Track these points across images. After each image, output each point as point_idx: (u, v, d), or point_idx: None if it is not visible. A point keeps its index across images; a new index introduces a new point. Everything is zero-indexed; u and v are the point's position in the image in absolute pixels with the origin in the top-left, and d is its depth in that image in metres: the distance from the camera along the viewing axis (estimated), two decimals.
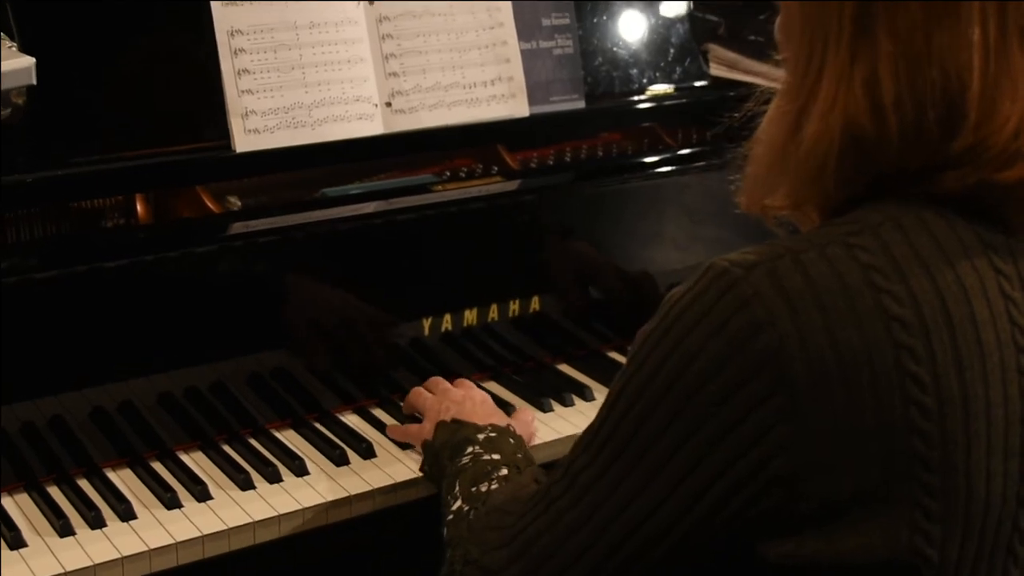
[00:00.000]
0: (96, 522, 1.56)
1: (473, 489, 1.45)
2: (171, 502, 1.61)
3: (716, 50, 2.27)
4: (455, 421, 1.65)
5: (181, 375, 1.74)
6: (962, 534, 1.11)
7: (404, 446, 1.76)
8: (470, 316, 1.93)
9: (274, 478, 1.67)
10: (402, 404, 1.84)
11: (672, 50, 2.23)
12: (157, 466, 1.69)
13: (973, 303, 1.11)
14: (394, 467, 1.71)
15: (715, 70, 2.25)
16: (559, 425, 1.83)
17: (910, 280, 1.10)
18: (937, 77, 1.09)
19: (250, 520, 1.59)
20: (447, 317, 1.91)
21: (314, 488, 1.66)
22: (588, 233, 2.04)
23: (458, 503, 1.44)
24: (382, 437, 1.78)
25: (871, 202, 1.16)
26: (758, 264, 1.11)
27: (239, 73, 1.79)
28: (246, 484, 1.65)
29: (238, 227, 1.80)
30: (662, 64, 2.22)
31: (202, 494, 1.63)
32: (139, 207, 1.82)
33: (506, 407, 1.84)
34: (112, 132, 1.77)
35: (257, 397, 1.79)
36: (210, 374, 1.76)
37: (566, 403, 1.89)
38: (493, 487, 1.44)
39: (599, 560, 1.20)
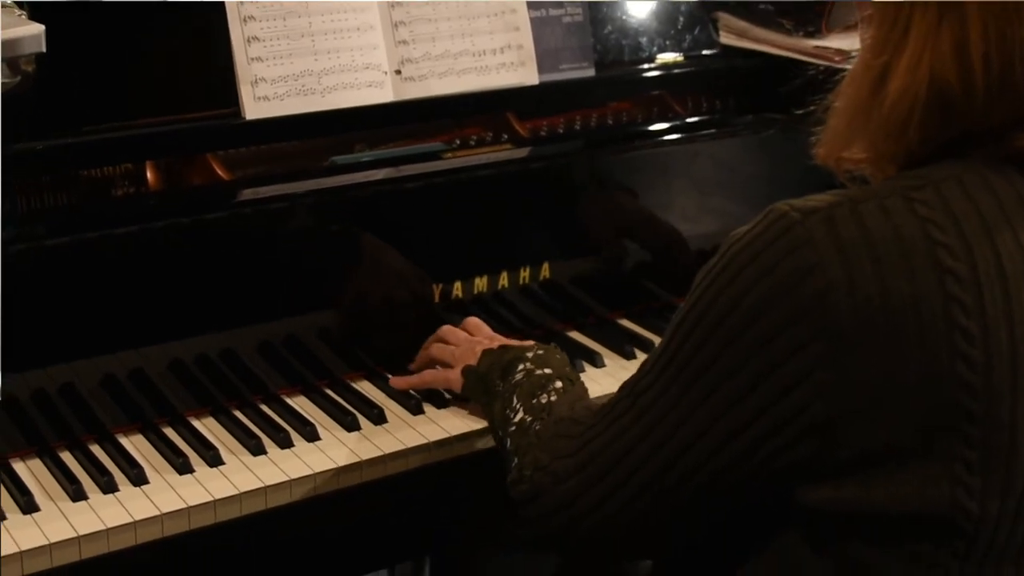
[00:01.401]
0: (108, 487, 1.56)
1: (534, 401, 1.50)
2: (183, 467, 1.61)
3: (726, 18, 2.26)
4: (501, 347, 1.68)
5: (192, 342, 1.74)
6: (1002, 489, 1.11)
7: (416, 411, 1.76)
8: (480, 283, 1.93)
9: (285, 443, 1.67)
10: (416, 361, 1.84)
11: (682, 18, 2.23)
12: (169, 432, 1.70)
13: None
14: (405, 432, 1.71)
15: (725, 38, 2.25)
16: None
17: (967, 235, 1.11)
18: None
19: (262, 485, 1.59)
20: (457, 284, 1.91)
21: (325, 453, 1.66)
22: (598, 201, 2.04)
23: (520, 415, 1.49)
24: (393, 403, 1.79)
25: (942, 160, 1.17)
26: (817, 210, 1.13)
27: (248, 40, 1.79)
28: (258, 449, 1.66)
29: (248, 194, 1.81)
30: (672, 32, 2.21)
31: (214, 459, 1.63)
32: (149, 175, 1.83)
33: None
34: (122, 100, 1.77)
35: (268, 364, 1.80)
36: (221, 341, 1.76)
37: (577, 369, 1.89)
38: (553, 398, 1.50)
39: (648, 479, 1.24)
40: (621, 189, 2.05)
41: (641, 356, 1.94)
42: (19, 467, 1.61)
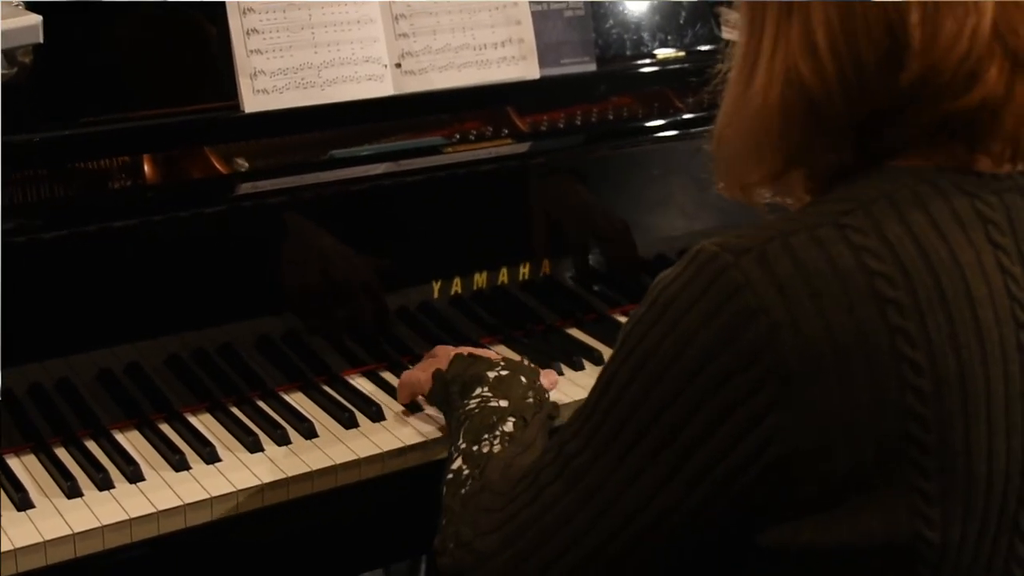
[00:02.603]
0: (104, 483, 1.55)
1: (475, 448, 1.42)
2: (179, 464, 1.60)
3: (728, 13, 2.23)
4: (472, 355, 1.62)
5: (189, 337, 1.73)
6: (963, 515, 1.09)
7: (414, 408, 1.75)
8: (480, 279, 1.91)
9: (283, 440, 1.66)
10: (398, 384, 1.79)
11: (683, 13, 2.21)
12: (165, 428, 1.68)
13: (970, 281, 1.08)
14: (403, 430, 1.70)
15: (727, 33, 2.21)
16: (569, 389, 1.81)
17: (904, 261, 1.08)
18: (871, 10, 1.07)
19: (259, 483, 1.57)
20: (457, 280, 1.89)
21: (323, 451, 1.64)
22: (598, 197, 2.02)
23: (458, 462, 1.41)
24: (391, 400, 1.77)
25: (861, 175, 1.14)
26: (748, 250, 1.08)
27: (248, 33, 1.78)
28: (255, 446, 1.64)
29: (246, 188, 1.79)
30: (673, 27, 2.19)
31: (210, 456, 1.62)
32: (146, 168, 1.81)
33: None
34: (120, 92, 1.76)
35: (265, 360, 1.78)
36: (218, 336, 1.75)
37: (576, 367, 1.88)
38: (495, 448, 1.41)
39: (592, 549, 1.18)
40: (622, 185, 2.03)
41: None
42: (14, 463, 1.60)
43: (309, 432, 1.68)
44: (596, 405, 1.17)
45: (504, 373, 1.55)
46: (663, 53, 2.19)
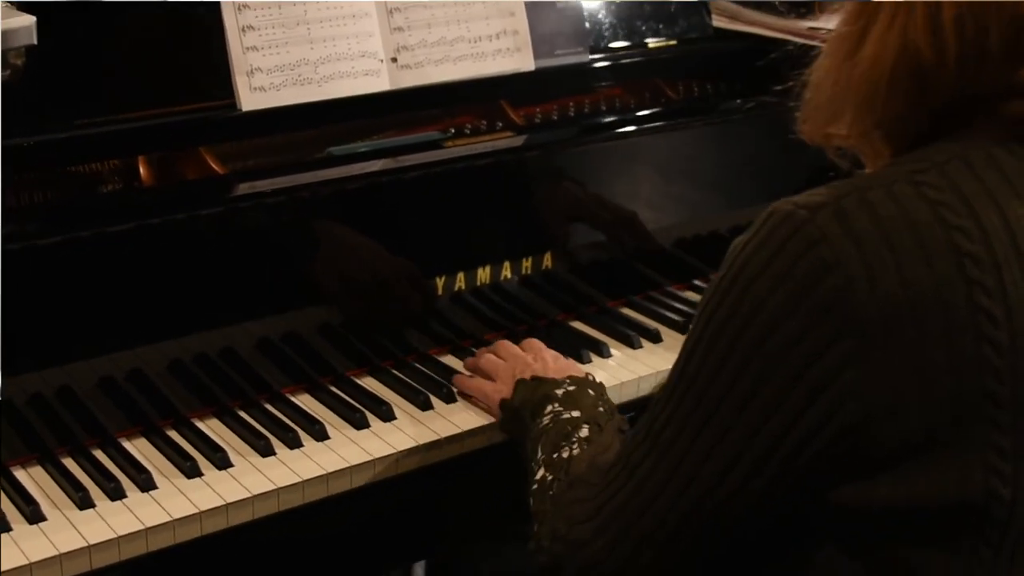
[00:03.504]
0: (116, 493, 1.52)
1: (555, 456, 1.43)
2: (191, 470, 1.56)
3: (717, 2, 2.23)
4: (534, 378, 1.62)
5: (191, 341, 1.69)
6: None
7: (424, 407, 1.72)
8: (483, 274, 1.89)
9: (294, 443, 1.63)
10: (464, 364, 1.81)
11: (675, 2, 2.19)
12: (173, 434, 1.65)
13: None
14: (416, 428, 1.67)
15: (718, 22, 2.22)
16: None
17: (980, 215, 1.08)
18: (1005, 5, 1.07)
19: (274, 487, 1.55)
20: (460, 276, 1.87)
21: (336, 452, 1.62)
22: (598, 187, 2.00)
23: (541, 471, 1.42)
24: (400, 399, 1.74)
25: (940, 140, 1.15)
26: (824, 205, 1.09)
27: (243, 30, 1.74)
28: (266, 450, 1.61)
29: (244, 188, 1.75)
30: (666, 16, 2.18)
31: (222, 461, 1.58)
32: (142, 170, 1.77)
33: None
34: (113, 93, 1.71)
35: (270, 362, 1.75)
36: (220, 339, 1.71)
37: (583, 360, 1.86)
38: (574, 452, 1.42)
39: (681, 519, 1.19)
40: (622, 175, 2.01)
41: (647, 345, 1.91)
42: (21, 475, 1.56)
43: (320, 434, 1.65)
44: (680, 375, 1.19)
45: (571, 388, 1.56)
46: (654, 43, 2.17)
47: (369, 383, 1.79)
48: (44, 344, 1.59)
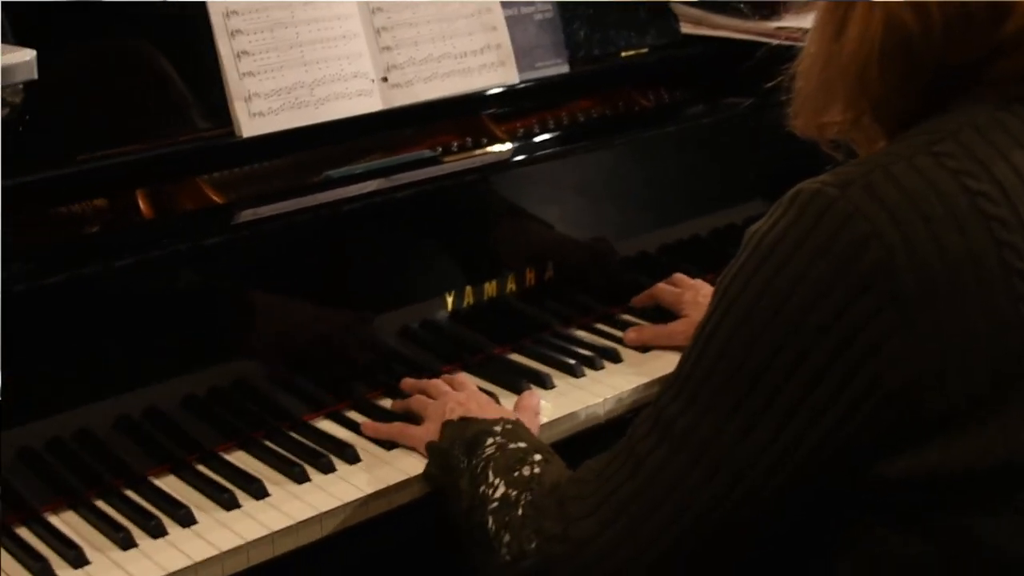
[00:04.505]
0: (156, 531, 1.47)
1: (515, 474, 1.38)
2: (229, 503, 1.53)
3: (680, 8, 2.26)
4: (463, 419, 1.56)
5: (205, 375, 1.65)
6: None
7: None
8: (490, 288, 1.87)
9: (328, 468, 1.60)
10: (392, 405, 1.75)
11: (643, 12, 2.21)
12: (203, 468, 1.61)
13: None
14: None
15: (685, 28, 2.24)
16: (596, 388, 1.80)
17: (999, 179, 1.11)
18: None
19: (316, 512, 1.52)
20: (468, 290, 1.85)
21: (371, 473, 1.59)
22: (591, 199, 2.01)
23: (501, 490, 1.36)
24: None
25: (937, 114, 1.17)
26: (852, 181, 1.11)
27: (239, 55, 1.72)
28: (301, 477, 1.58)
29: (248, 215, 1.72)
30: (636, 24, 2.19)
31: (259, 491, 1.55)
32: (141, 204, 1.73)
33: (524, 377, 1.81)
34: (109, 128, 1.68)
35: (284, 391, 1.72)
36: (231, 372, 1.67)
37: (596, 367, 1.85)
38: (536, 471, 1.38)
39: (707, 507, 1.17)
40: (613, 185, 2.02)
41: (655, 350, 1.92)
42: (55, 520, 1.51)
43: (352, 457, 1.62)
44: (697, 364, 1.17)
45: (509, 426, 1.50)
46: (628, 52, 2.18)
47: (387, 404, 1.77)
48: (55, 386, 1.54)
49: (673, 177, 2.11)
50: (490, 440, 1.46)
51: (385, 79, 1.86)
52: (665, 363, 1.85)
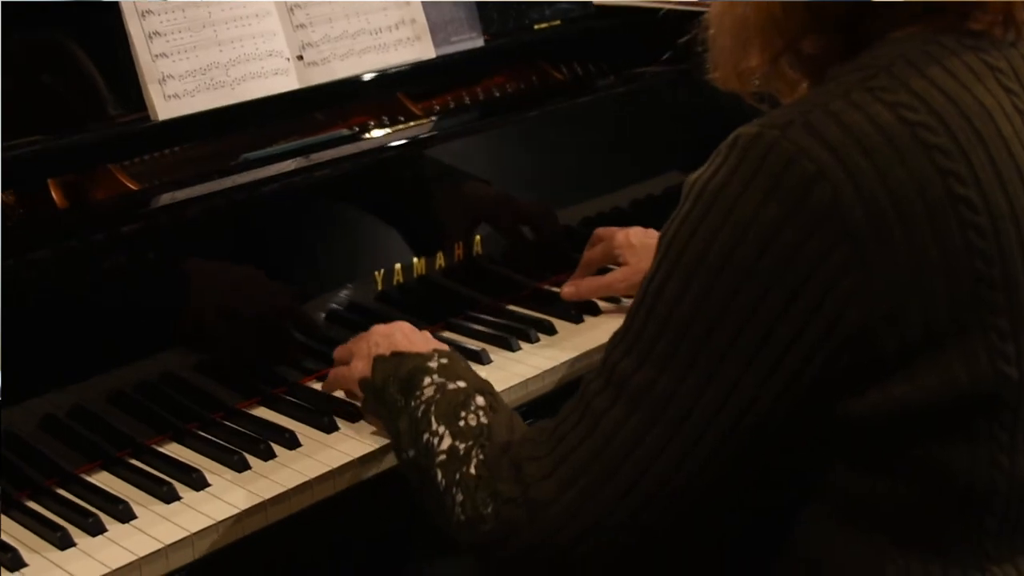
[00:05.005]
0: (95, 528, 1.41)
1: (461, 424, 1.34)
2: (168, 495, 1.47)
3: None
4: (395, 354, 1.52)
5: (132, 368, 1.59)
6: None
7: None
8: (419, 265, 1.84)
9: (268, 455, 1.55)
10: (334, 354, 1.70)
11: None
12: (137, 463, 1.55)
13: (998, 122, 1.13)
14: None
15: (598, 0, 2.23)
16: (534, 360, 1.77)
17: (936, 109, 1.11)
18: None
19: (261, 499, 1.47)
20: (397, 267, 1.81)
21: (314, 459, 1.55)
22: (517, 172, 1.98)
23: (448, 441, 1.32)
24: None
25: (864, 50, 1.17)
26: (791, 122, 1.10)
27: (150, 36, 1.66)
28: (241, 465, 1.53)
29: (166, 199, 1.66)
30: None
31: (198, 482, 1.49)
32: (55, 195, 1.67)
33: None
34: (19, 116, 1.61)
35: (215, 381, 1.66)
36: (158, 364, 1.61)
37: (532, 339, 1.83)
38: (483, 420, 1.34)
39: (671, 465, 1.15)
40: (533, 157, 2.00)
41: (589, 319, 1.89)
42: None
43: (292, 442, 1.57)
44: (648, 319, 1.15)
45: (444, 361, 1.46)
46: (541, 24, 2.16)
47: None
48: None
49: (591, 150, 2.09)
50: (427, 380, 1.42)
51: (301, 57, 1.81)
52: (601, 332, 1.83)
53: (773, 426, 1.14)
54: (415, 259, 1.83)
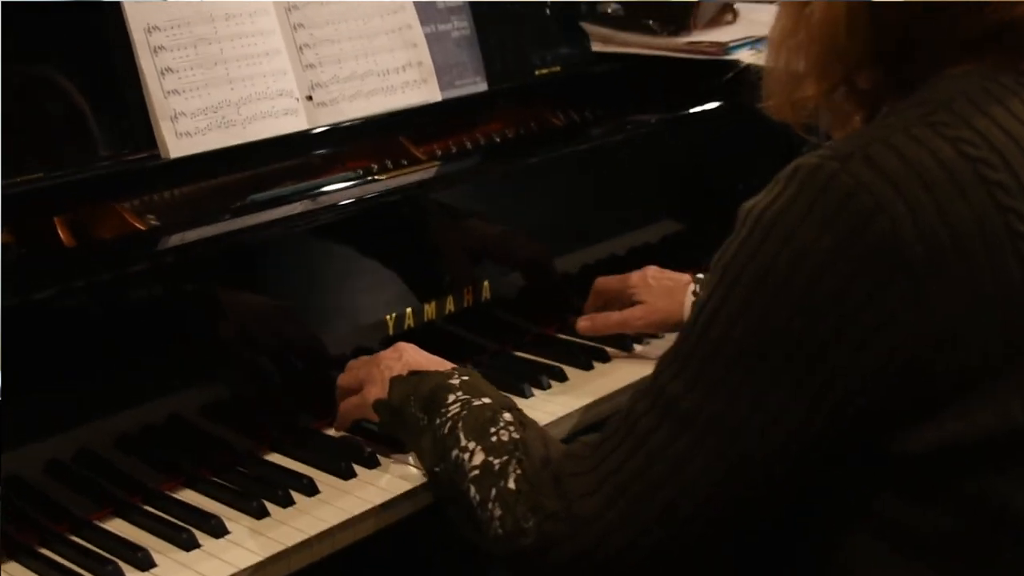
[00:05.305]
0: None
1: (493, 440, 1.33)
2: (188, 543, 1.42)
3: (589, 27, 2.24)
4: (412, 373, 1.50)
5: (140, 411, 1.54)
6: None
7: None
8: (429, 310, 1.80)
9: (287, 501, 1.51)
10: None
11: (552, 27, 2.18)
12: (152, 509, 1.50)
13: None
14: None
15: (596, 46, 2.22)
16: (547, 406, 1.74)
17: (997, 146, 1.12)
18: None
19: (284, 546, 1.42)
20: (408, 311, 1.78)
21: (334, 505, 1.50)
22: (517, 219, 1.95)
23: (480, 457, 1.32)
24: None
25: (920, 86, 1.17)
26: (851, 154, 1.10)
27: (163, 73, 1.63)
28: (260, 512, 1.48)
29: (174, 240, 1.62)
30: (550, 43, 2.16)
31: (217, 529, 1.44)
32: (61, 233, 1.62)
33: None
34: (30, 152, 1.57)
35: (225, 425, 1.61)
36: (167, 407, 1.56)
37: (543, 386, 1.79)
38: (515, 435, 1.33)
39: (713, 486, 1.15)
40: (542, 203, 1.97)
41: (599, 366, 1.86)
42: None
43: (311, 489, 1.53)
44: (699, 342, 1.15)
45: (466, 378, 1.46)
46: (543, 71, 2.15)
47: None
48: None
49: (591, 196, 2.07)
50: (451, 397, 1.42)
51: (310, 97, 1.78)
52: (611, 379, 1.80)
53: (820, 454, 1.14)
54: (425, 305, 1.79)
